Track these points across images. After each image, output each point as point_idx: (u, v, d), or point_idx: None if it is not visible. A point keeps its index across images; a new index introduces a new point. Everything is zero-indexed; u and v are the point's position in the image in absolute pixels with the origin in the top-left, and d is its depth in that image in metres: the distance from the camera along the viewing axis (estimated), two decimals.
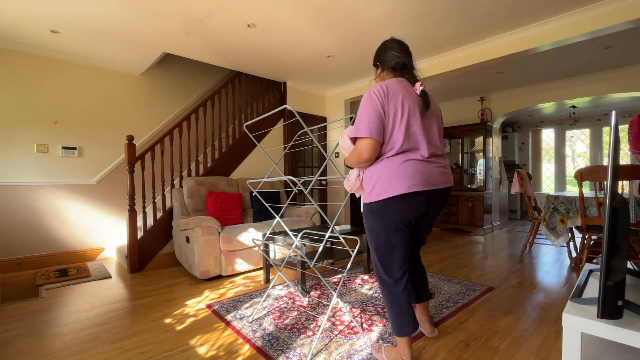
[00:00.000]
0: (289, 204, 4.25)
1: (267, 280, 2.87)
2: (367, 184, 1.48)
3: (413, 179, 1.38)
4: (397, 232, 1.44)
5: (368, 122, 1.38)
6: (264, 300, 2.41)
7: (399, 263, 1.50)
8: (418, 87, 1.46)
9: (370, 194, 1.46)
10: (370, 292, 2.56)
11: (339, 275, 3.00)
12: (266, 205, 2.15)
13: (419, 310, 1.82)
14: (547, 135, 7.01)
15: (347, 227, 3.16)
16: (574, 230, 4.04)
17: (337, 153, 5.06)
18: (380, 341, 1.80)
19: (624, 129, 5.37)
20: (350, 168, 1.57)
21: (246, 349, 1.75)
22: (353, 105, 5.35)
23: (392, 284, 1.51)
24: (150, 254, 3.32)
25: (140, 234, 3.32)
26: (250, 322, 2.06)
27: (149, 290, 2.71)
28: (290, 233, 2.15)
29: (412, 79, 1.51)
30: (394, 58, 1.52)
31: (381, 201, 1.42)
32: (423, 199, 1.42)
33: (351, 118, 1.93)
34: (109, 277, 3.05)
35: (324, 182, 5.08)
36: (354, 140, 1.48)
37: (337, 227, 3.07)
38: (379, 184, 1.42)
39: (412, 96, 1.45)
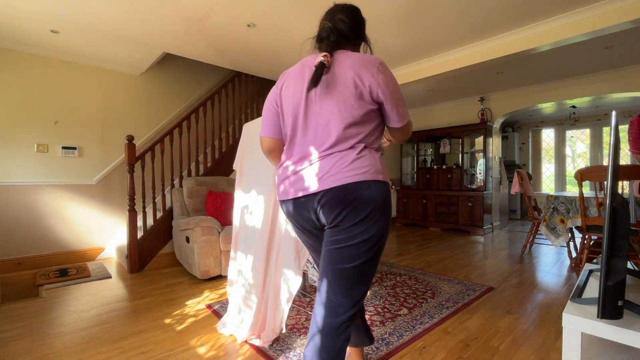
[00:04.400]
0: None
1: None
2: None
3: (279, 185, 1.19)
4: (300, 234, 1.25)
5: (264, 120, 1.22)
6: None
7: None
8: (317, 59, 1.07)
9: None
10: (371, 292, 2.56)
11: None
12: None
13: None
14: (547, 135, 7.01)
15: None
16: (574, 230, 4.03)
17: None
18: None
19: (624, 129, 5.37)
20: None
21: (246, 349, 1.75)
22: None
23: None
24: (150, 254, 3.32)
25: (140, 234, 3.32)
26: None
27: (149, 290, 2.71)
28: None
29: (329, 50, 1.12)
30: (319, 28, 1.19)
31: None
32: (292, 207, 1.17)
33: None
34: (109, 277, 3.05)
35: None
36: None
37: None
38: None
39: (305, 77, 1.12)
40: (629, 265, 1.69)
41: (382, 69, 1.07)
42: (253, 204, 1.95)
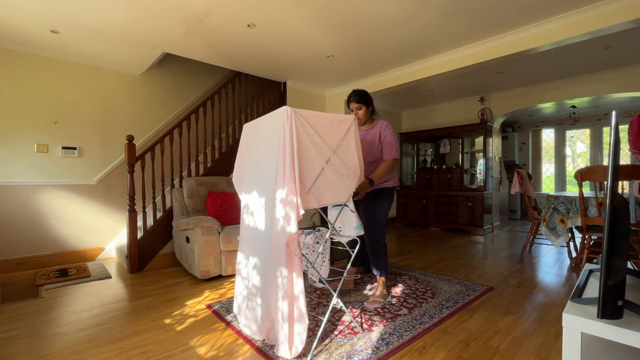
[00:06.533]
0: None
1: None
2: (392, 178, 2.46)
3: None
4: None
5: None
6: None
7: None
8: None
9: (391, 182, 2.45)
10: (371, 292, 2.56)
11: (339, 276, 3.00)
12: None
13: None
14: (547, 135, 7.01)
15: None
16: (574, 230, 4.03)
17: None
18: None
19: (624, 129, 5.37)
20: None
21: (246, 349, 1.75)
22: None
23: (385, 243, 2.45)
24: (150, 254, 3.32)
25: (140, 234, 3.32)
26: None
27: (149, 290, 2.71)
28: None
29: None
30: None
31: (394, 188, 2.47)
32: None
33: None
34: (109, 277, 3.05)
35: None
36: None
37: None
38: (395, 179, 2.48)
39: None
40: (629, 265, 1.68)
41: None
42: (255, 205, 1.94)
